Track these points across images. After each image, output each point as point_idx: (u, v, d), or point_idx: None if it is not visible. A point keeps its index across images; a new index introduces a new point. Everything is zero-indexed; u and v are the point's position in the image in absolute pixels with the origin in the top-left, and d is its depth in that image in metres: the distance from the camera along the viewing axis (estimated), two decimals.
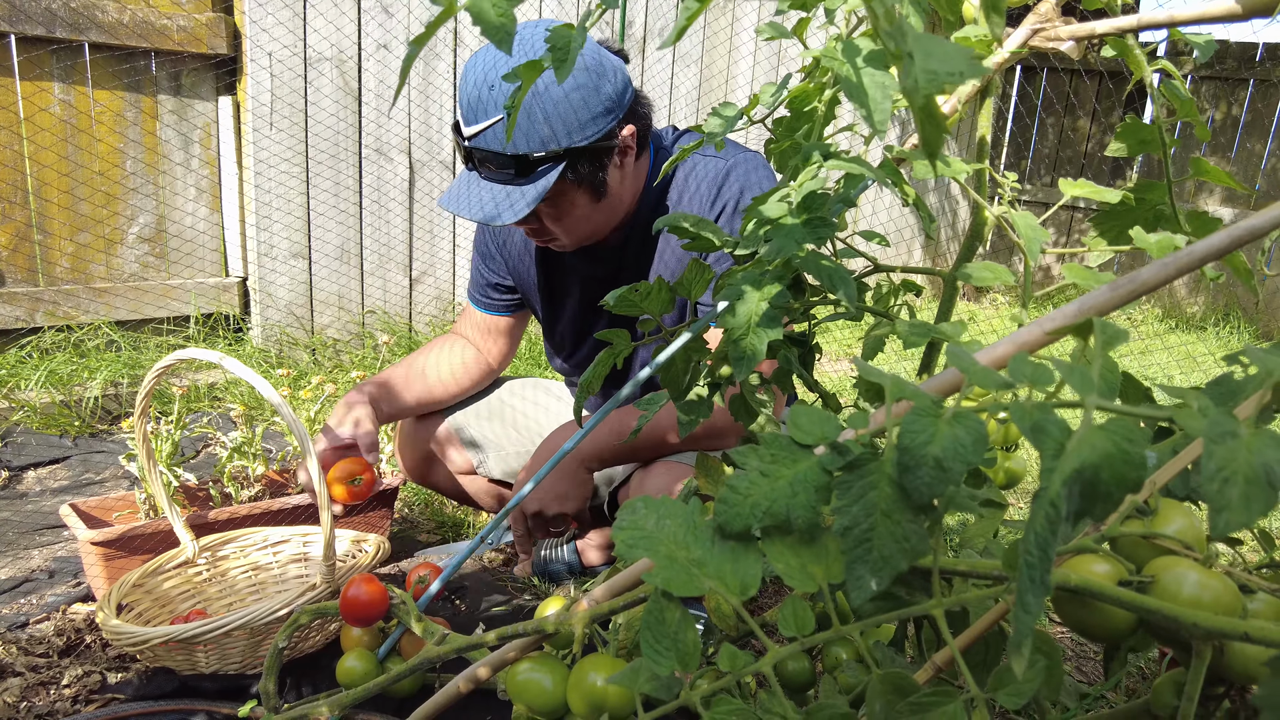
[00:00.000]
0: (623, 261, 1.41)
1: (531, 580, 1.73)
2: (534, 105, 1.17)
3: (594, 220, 1.31)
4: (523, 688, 0.71)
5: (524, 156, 1.19)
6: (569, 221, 1.29)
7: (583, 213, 1.28)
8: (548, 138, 1.19)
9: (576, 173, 1.23)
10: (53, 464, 2.20)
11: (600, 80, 1.20)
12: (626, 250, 1.40)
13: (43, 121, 2.61)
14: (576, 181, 1.24)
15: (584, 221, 1.30)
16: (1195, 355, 3.91)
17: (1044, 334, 0.48)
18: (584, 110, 1.19)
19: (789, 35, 0.77)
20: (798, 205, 0.70)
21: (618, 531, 0.54)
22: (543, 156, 1.19)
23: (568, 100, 1.18)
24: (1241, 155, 4.73)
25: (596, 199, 1.28)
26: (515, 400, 1.70)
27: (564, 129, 1.19)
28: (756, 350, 0.64)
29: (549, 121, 1.18)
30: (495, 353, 1.64)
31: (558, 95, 1.17)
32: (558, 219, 1.28)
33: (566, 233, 1.31)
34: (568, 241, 1.33)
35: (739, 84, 4.13)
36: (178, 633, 1.12)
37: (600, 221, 1.32)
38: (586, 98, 1.19)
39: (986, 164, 0.76)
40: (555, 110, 1.18)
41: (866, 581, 0.42)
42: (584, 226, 1.31)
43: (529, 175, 1.20)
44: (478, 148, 1.21)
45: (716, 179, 1.33)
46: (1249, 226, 0.50)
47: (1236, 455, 0.32)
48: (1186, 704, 0.47)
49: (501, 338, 1.63)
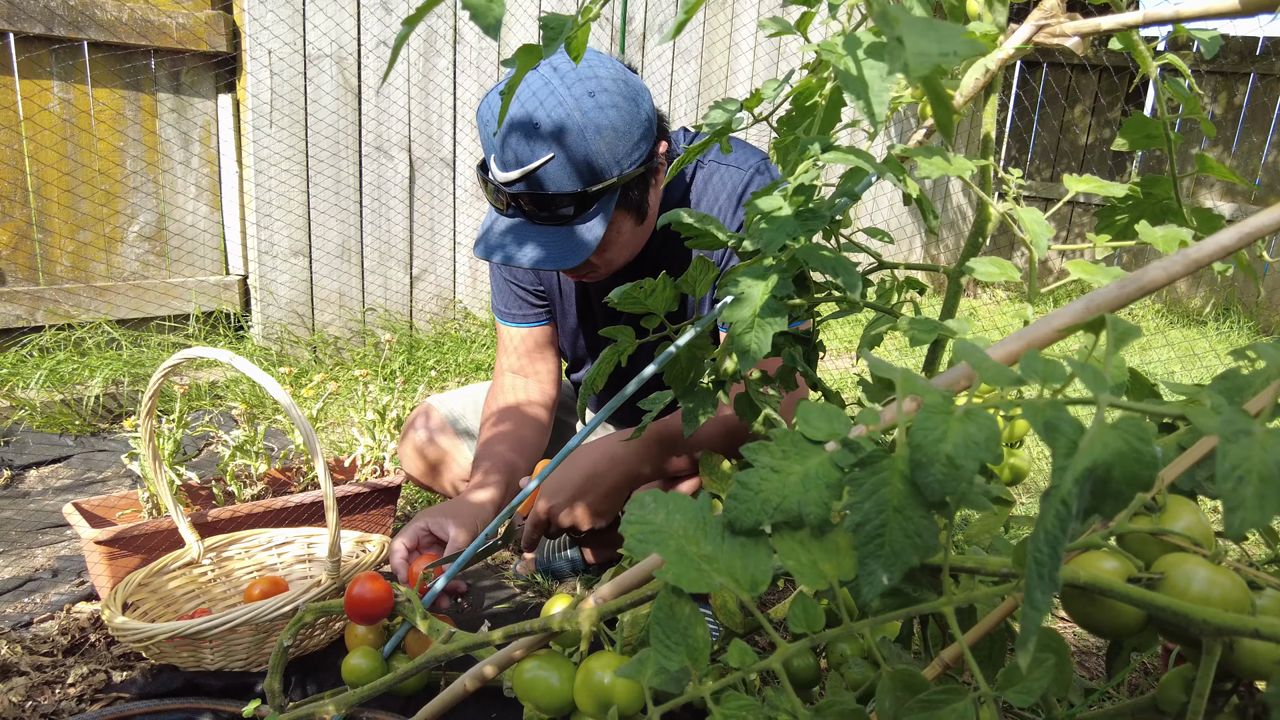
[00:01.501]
0: (640, 272, 1.40)
1: (534, 577, 1.73)
2: (586, 134, 1.11)
3: (633, 245, 1.27)
4: (529, 685, 0.71)
5: (583, 194, 1.13)
6: (614, 251, 1.24)
7: (626, 239, 1.24)
8: (603, 169, 1.13)
9: (628, 200, 1.19)
10: (55, 463, 2.20)
11: (637, 98, 1.16)
12: (645, 260, 1.38)
13: (43, 120, 2.60)
14: (627, 208, 1.20)
15: (625, 248, 1.26)
16: (1196, 350, 3.91)
17: (1054, 330, 0.48)
18: (629, 135, 1.14)
19: (792, 31, 0.77)
20: (789, 196, 0.70)
21: (627, 526, 0.54)
22: (600, 190, 1.13)
23: (614, 128, 1.12)
24: (1242, 149, 4.73)
25: (639, 222, 1.24)
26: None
27: (613, 157, 1.13)
28: (761, 344, 0.64)
29: (603, 151, 1.12)
30: (546, 373, 1.53)
31: (602, 121, 1.11)
32: (604, 250, 1.23)
33: (609, 264, 1.26)
34: (605, 272, 1.28)
35: (739, 79, 4.13)
36: (184, 628, 1.12)
37: (636, 245, 1.28)
38: (630, 122, 1.14)
39: (991, 160, 0.76)
40: (607, 138, 1.12)
41: (878, 577, 0.42)
42: (624, 254, 1.27)
43: (586, 211, 1.15)
44: (524, 192, 1.13)
45: (737, 189, 1.31)
46: (1259, 224, 0.50)
47: (1251, 454, 0.32)
48: (1196, 700, 0.47)
49: (547, 351, 1.53)
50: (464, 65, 3.28)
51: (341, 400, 2.65)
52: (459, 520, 1.20)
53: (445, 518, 1.21)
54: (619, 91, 1.13)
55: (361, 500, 1.65)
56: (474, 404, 1.68)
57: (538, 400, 1.49)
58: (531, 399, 1.49)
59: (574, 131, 1.10)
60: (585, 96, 1.10)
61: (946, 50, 0.39)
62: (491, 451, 1.38)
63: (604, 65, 1.15)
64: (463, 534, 1.19)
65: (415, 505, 2.04)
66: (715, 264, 1.03)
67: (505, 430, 1.43)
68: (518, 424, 1.45)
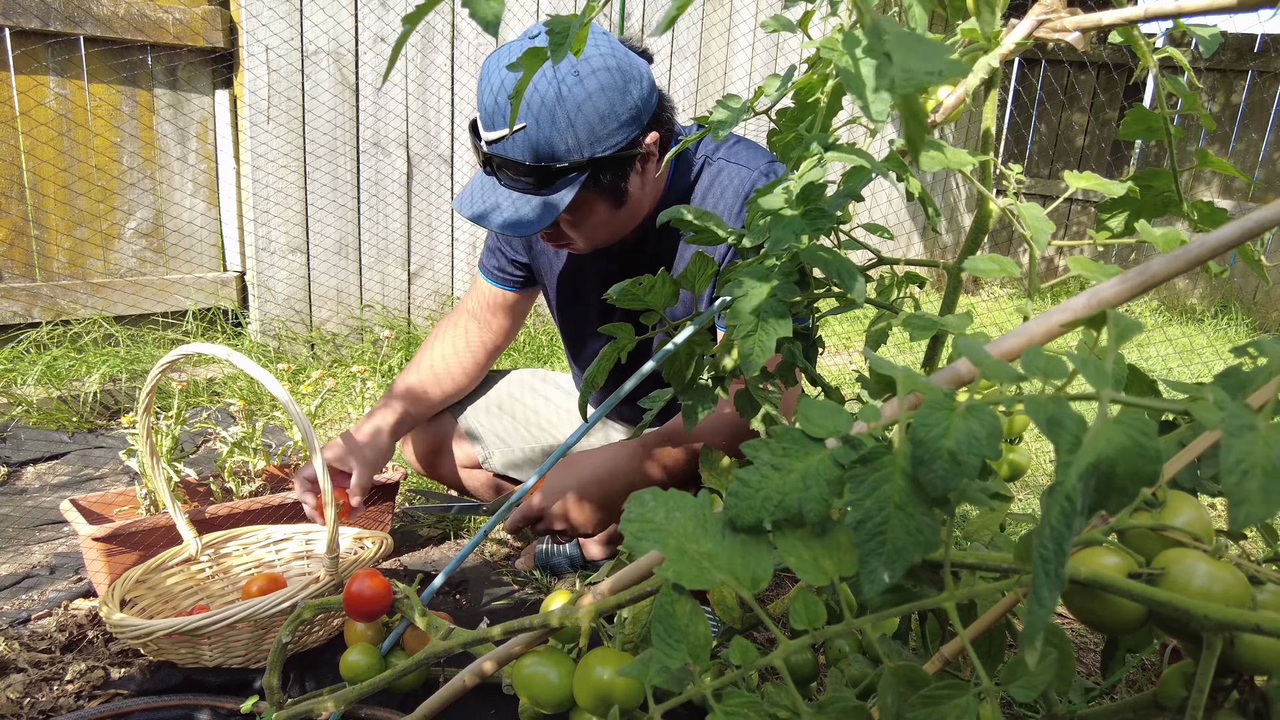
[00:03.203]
0: (639, 262, 1.40)
1: (533, 574, 1.73)
2: (557, 112, 1.12)
3: (611, 226, 1.28)
4: (529, 682, 0.71)
5: (545, 167, 1.14)
6: (587, 228, 1.26)
7: (601, 219, 1.25)
8: (571, 148, 1.14)
9: (598, 183, 1.19)
10: (52, 459, 2.19)
11: (626, 85, 1.15)
12: (643, 250, 1.39)
13: (39, 115, 2.59)
14: (598, 191, 1.20)
15: (601, 228, 1.27)
16: (1195, 347, 3.92)
17: (1056, 326, 0.48)
18: (610, 119, 1.15)
19: (793, 28, 0.77)
20: (796, 196, 0.70)
21: (626, 524, 0.54)
22: (565, 168, 1.14)
23: (593, 107, 1.13)
24: (1240, 146, 4.73)
25: (616, 207, 1.24)
26: (521, 393, 1.70)
27: (588, 139, 1.14)
28: (764, 349, 0.64)
29: (573, 130, 1.13)
30: (498, 328, 1.62)
31: (581, 101, 1.12)
32: (575, 225, 1.25)
33: (584, 238, 1.28)
34: (584, 246, 1.31)
35: (736, 76, 4.12)
36: (182, 624, 1.12)
37: (617, 227, 1.29)
38: (613, 104, 1.14)
39: (991, 156, 0.76)
40: (579, 119, 1.13)
41: (880, 574, 0.42)
42: (601, 233, 1.28)
43: (550, 186, 1.16)
44: (497, 155, 1.16)
45: (743, 188, 1.31)
46: (1260, 219, 0.50)
47: (1255, 448, 0.32)
48: (1197, 695, 0.47)
49: (506, 314, 1.61)
50: (461, 62, 3.27)
51: (339, 397, 2.64)
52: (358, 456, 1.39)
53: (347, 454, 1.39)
54: (606, 75, 1.14)
55: None
56: (477, 398, 1.68)
57: (479, 344, 1.61)
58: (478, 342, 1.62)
59: (548, 108, 1.12)
60: (570, 75, 1.12)
61: (932, 70, 0.39)
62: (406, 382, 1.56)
63: (600, 47, 1.15)
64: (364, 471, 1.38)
65: (414, 501, 2.04)
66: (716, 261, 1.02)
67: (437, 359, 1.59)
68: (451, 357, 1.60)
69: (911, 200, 0.74)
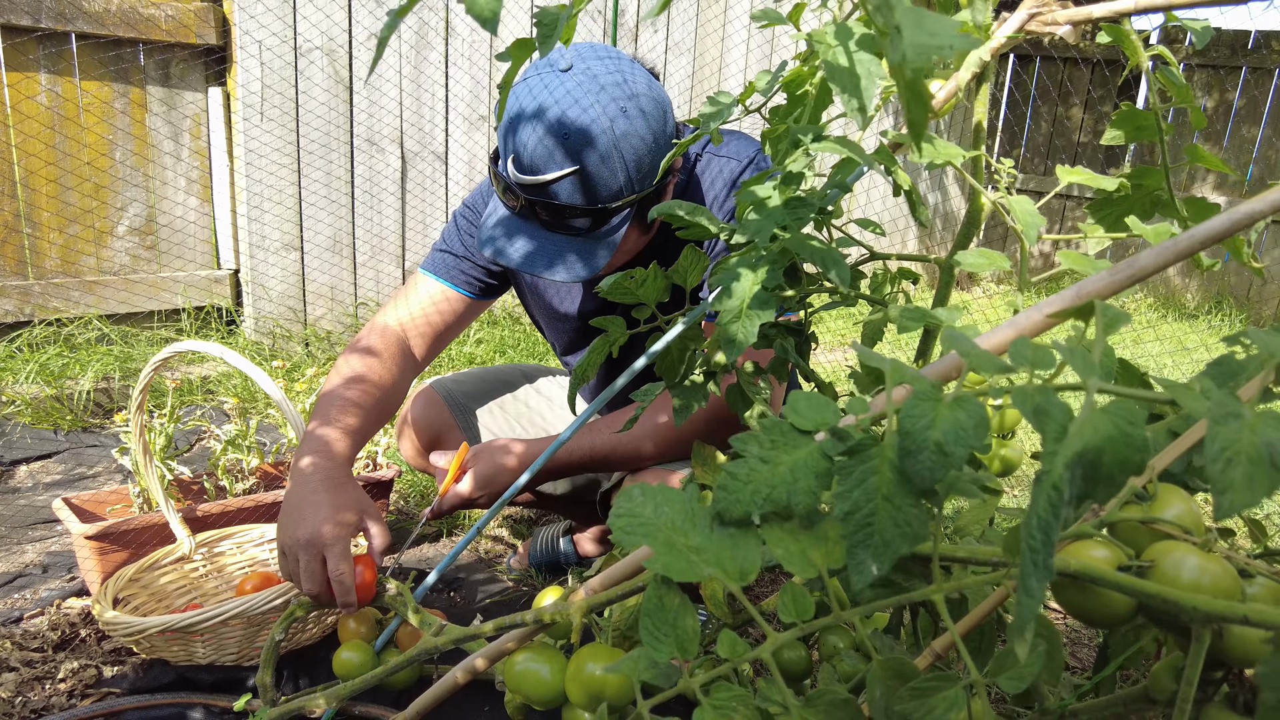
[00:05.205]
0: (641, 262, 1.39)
1: (528, 571, 1.73)
2: (611, 153, 1.06)
3: (632, 252, 1.24)
4: (521, 678, 0.71)
5: (602, 209, 1.09)
6: (618, 256, 1.20)
7: (630, 246, 1.21)
8: (624, 186, 1.10)
9: (642, 214, 1.16)
10: (44, 458, 2.18)
11: (665, 115, 1.12)
12: (644, 253, 1.38)
13: (30, 111, 2.58)
14: (637, 221, 1.16)
15: (626, 255, 1.23)
16: (1187, 344, 3.93)
17: (1044, 318, 0.48)
18: (656, 152, 1.11)
19: (783, 21, 0.77)
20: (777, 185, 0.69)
21: (615, 519, 0.54)
22: (619, 206, 1.10)
23: (641, 142, 1.09)
24: (1234, 143, 4.74)
25: (645, 232, 1.21)
26: (522, 392, 1.70)
27: (638, 174, 1.11)
28: (748, 333, 0.63)
29: (625, 168, 1.09)
30: (430, 334, 1.38)
31: (632, 138, 1.07)
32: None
33: (609, 269, 1.23)
34: (605, 271, 1.24)
35: (731, 72, 4.12)
36: (174, 621, 1.12)
37: (635, 250, 1.25)
38: (656, 137, 1.11)
39: (983, 150, 0.76)
40: (631, 156, 1.08)
41: (868, 566, 0.42)
42: (625, 258, 1.24)
43: (605, 225, 1.12)
44: (542, 199, 1.09)
45: (731, 179, 1.31)
46: (1247, 211, 0.50)
47: (1240, 436, 0.32)
48: (1186, 688, 0.47)
49: (450, 319, 1.40)
50: (456, 58, 3.26)
51: None
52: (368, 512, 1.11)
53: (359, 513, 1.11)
54: (652, 108, 1.10)
55: None
56: (472, 385, 1.67)
57: (405, 363, 1.35)
58: (404, 358, 1.35)
59: (602, 148, 1.06)
60: (619, 113, 1.07)
61: (942, 44, 0.39)
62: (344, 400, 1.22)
63: (639, 77, 1.11)
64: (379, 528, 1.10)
65: (408, 499, 2.03)
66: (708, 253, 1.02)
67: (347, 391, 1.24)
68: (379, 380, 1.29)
69: (898, 194, 0.74)
